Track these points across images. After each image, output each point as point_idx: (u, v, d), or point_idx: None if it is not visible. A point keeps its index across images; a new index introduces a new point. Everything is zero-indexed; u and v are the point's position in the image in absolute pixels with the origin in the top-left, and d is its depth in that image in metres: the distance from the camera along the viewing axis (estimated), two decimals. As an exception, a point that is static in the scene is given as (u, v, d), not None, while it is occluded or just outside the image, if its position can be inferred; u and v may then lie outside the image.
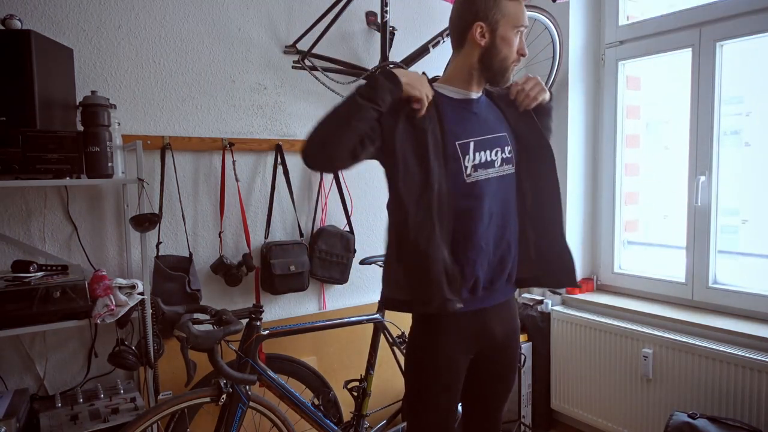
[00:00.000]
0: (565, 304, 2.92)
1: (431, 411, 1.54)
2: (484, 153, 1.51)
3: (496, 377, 1.64)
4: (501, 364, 1.63)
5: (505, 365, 1.64)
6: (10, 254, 1.89)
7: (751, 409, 2.14)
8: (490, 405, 1.67)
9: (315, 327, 2.05)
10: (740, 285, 2.42)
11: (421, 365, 1.54)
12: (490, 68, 1.52)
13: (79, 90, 1.94)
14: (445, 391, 1.53)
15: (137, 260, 2.08)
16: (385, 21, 2.38)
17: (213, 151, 2.26)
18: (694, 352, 2.30)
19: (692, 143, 2.50)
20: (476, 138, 1.50)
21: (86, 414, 1.77)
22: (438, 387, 1.52)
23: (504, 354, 1.63)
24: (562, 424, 2.93)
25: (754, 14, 2.27)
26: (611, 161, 2.88)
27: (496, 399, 1.67)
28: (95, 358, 2.02)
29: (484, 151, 1.51)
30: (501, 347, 1.61)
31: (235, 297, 2.33)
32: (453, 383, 1.54)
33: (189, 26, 2.17)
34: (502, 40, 1.48)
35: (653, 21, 2.63)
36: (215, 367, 1.65)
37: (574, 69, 2.85)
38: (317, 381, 2.33)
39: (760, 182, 2.43)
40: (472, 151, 1.49)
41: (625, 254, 2.91)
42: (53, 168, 1.68)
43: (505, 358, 1.63)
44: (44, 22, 1.91)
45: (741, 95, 2.45)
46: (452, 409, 1.57)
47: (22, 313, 1.65)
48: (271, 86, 2.38)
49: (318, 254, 2.40)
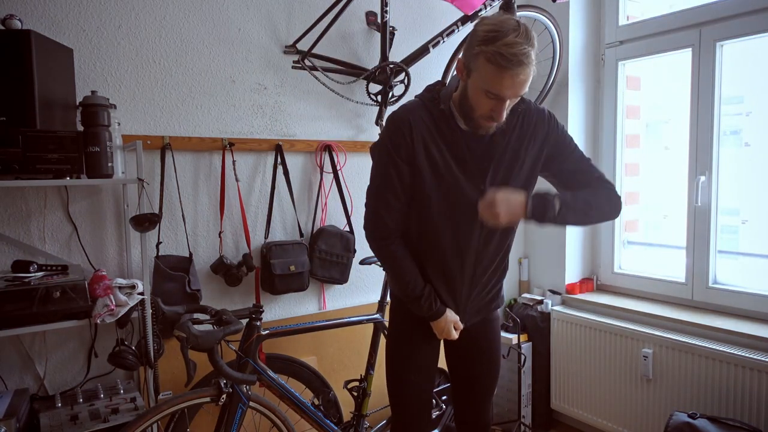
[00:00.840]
0: (565, 304, 2.93)
1: (406, 389, 1.71)
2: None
3: (477, 362, 1.75)
4: (478, 341, 1.73)
5: (482, 342, 1.74)
6: (10, 254, 1.89)
7: (751, 409, 2.14)
8: (476, 394, 1.77)
9: (315, 327, 2.05)
10: (740, 285, 2.42)
11: (392, 346, 1.74)
12: (462, 108, 1.47)
13: (79, 90, 1.94)
14: (416, 371, 1.70)
15: (137, 260, 2.08)
16: (385, 21, 2.38)
17: (213, 151, 2.26)
18: (694, 352, 2.30)
19: (692, 143, 2.50)
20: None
21: (86, 414, 1.77)
22: (409, 366, 1.70)
23: (478, 333, 1.73)
24: (562, 424, 2.93)
25: (754, 14, 2.27)
26: (611, 161, 2.88)
27: (480, 387, 1.76)
28: (95, 358, 2.01)
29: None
30: (474, 327, 1.72)
31: (235, 297, 2.33)
32: (423, 363, 1.71)
33: (189, 26, 2.17)
34: (471, 89, 1.42)
35: (653, 21, 2.63)
36: (215, 367, 1.65)
37: (574, 69, 2.85)
38: (317, 381, 2.33)
39: (760, 182, 2.42)
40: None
41: (625, 254, 2.91)
42: (53, 168, 1.68)
43: (480, 336, 1.74)
44: (44, 22, 1.91)
45: (741, 95, 2.45)
46: (425, 388, 1.72)
47: (22, 313, 1.65)
48: (271, 86, 2.38)
49: (318, 254, 2.40)
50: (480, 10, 2.41)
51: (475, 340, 1.73)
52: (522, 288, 3.18)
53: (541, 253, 3.09)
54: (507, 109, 1.41)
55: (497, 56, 1.30)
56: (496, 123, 1.44)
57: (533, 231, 3.13)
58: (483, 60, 1.33)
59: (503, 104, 1.38)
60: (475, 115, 1.44)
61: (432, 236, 1.58)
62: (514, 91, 1.35)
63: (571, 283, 2.94)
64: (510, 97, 1.37)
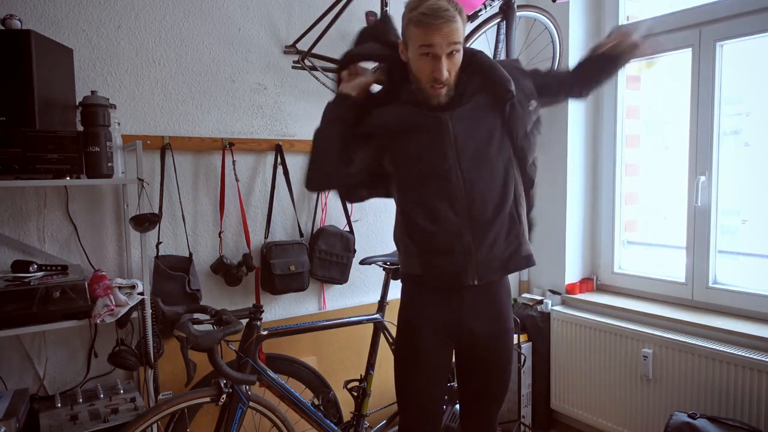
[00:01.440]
0: (565, 304, 2.92)
1: (410, 389, 1.67)
2: None
3: (484, 375, 1.69)
4: (487, 360, 1.68)
5: (491, 362, 1.68)
6: (10, 254, 1.89)
7: (751, 409, 2.14)
8: (483, 405, 1.72)
9: (315, 327, 2.05)
10: (740, 285, 2.42)
11: (399, 345, 1.70)
12: (415, 83, 1.58)
13: (79, 90, 1.94)
14: (422, 371, 1.65)
15: (137, 260, 2.08)
16: (385, 21, 2.38)
17: (213, 151, 2.26)
18: (694, 352, 2.30)
19: (692, 143, 2.50)
20: None
21: (86, 414, 1.77)
22: (415, 366, 1.66)
23: (489, 350, 1.67)
24: (562, 424, 2.93)
25: (754, 14, 2.27)
26: (611, 161, 2.88)
27: (487, 398, 1.71)
28: (95, 358, 2.01)
29: None
30: (484, 343, 1.67)
31: (235, 297, 2.33)
32: (430, 365, 1.65)
33: (189, 26, 2.17)
34: (412, 59, 1.54)
35: (653, 21, 2.63)
36: (215, 367, 1.65)
37: (574, 69, 2.85)
38: (317, 381, 2.33)
39: (760, 182, 2.42)
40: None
41: (625, 254, 2.91)
42: (53, 168, 1.68)
43: (491, 354, 1.68)
44: (44, 22, 1.91)
45: (741, 95, 2.45)
46: (433, 393, 1.69)
47: (22, 313, 1.65)
48: (271, 86, 2.38)
49: (318, 254, 2.40)
50: (480, 10, 2.40)
51: (486, 352, 1.67)
52: (522, 288, 3.18)
53: (541, 253, 3.07)
54: (446, 68, 1.49)
55: (420, 16, 1.45)
56: (442, 84, 1.52)
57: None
58: (412, 27, 1.49)
59: (439, 61, 1.48)
60: (423, 84, 1.54)
61: (408, 178, 1.62)
62: (441, 41, 1.46)
63: (571, 283, 2.94)
64: (441, 50, 1.47)
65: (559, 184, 2.93)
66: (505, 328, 1.68)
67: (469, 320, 1.63)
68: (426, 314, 1.65)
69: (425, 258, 1.61)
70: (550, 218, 2.99)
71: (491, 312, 1.65)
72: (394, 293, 2.07)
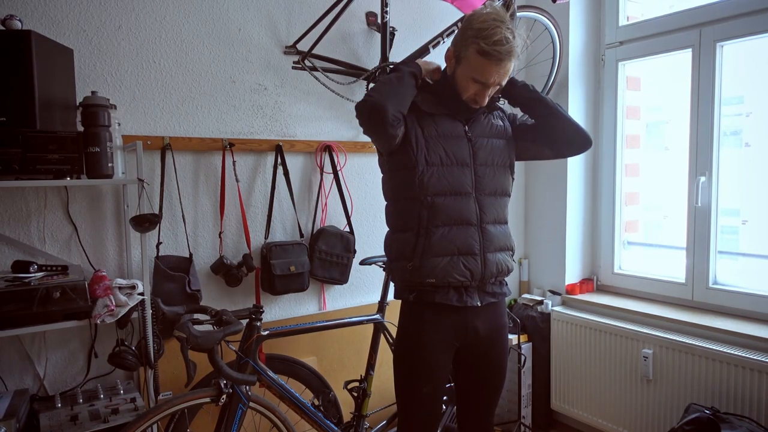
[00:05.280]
0: (565, 304, 2.93)
1: (416, 399, 1.67)
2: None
3: (483, 378, 1.74)
4: (489, 354, 1.72)
5: (493, 355, 1.73)
6: (10, 254, 1.89)
7: (752, 409, 2.14)
8: (482, 406, 1.76)
9: (315, 327, 2.05)
10: (740, 285, 2.42)
11: (404, 356, 1.69)
12: (446, 90, 1.67)
13: (79, 90, 1.94)
14: (428, 381, 1.65)
15: (137, 260, 2.08)
16: (385, 21, 2.38)
17: (213, 152, 2.26)
18: (694, 352, 2.30)
19: (692, 144, 2.50)
20: None
21: (86, 414, 1.77)
22: (421, 377, 1.65)
23: (492, 344, 1.72)
24: (562, 424, 2.93)
25: (754, 14, 2.28)
26: (611, 161, 2.88)
27: (489, 389, 1.76)
28: (95, 358, 2.01)
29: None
30: (486, 338, 1.71)
31: (235, 297, 2.33)
32: (432, 366, 1.65)
33: (189, 26, 2.18)
34: (459, 75, 1.61)
35: (653, 21, 2.63)
36: (215, 368, 1.65)
37: (574, 69, 2.85)
38: (317, 381, 2.33)
39: (760, 183, 2.42)
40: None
41: (625, 255, 2.91)
42: (53, 168, 1.68)
43: (493, 348, 1.72)
44: (44, 22, 1.91)
45: (741, 95, 2.45)
46: (436, 399, 1.70)
47: (22, 313, 1.65)
48: (271, 87, 2.38)
49: (318, 255, 2.40)
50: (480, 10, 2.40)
51: (485, 348, 1.72)
52: (522, 288, 3.18)
53: (541, 253, 3.09)
54: (489, 95, 1.62)
55: (489, 49, 1.50)
56: (479, 106, 1.66)
57: (534, 231, 3.13)
58: (473, 51, 1.53)
59: (487, 90, 1.60)
60: (464, 98, 1.63)
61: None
62: (498, 80, 1.57)
63: (571, 283, 2.94)
64: (493, 84, 1.59)
65: (559, 184, 2.93)
66: (503, 322, 1.77)
67: (474, 318, 1.68)
68: (428, 321, 1.67)
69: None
70: (551, 219, 2.99)
71: (492, 308, 1.72)
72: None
